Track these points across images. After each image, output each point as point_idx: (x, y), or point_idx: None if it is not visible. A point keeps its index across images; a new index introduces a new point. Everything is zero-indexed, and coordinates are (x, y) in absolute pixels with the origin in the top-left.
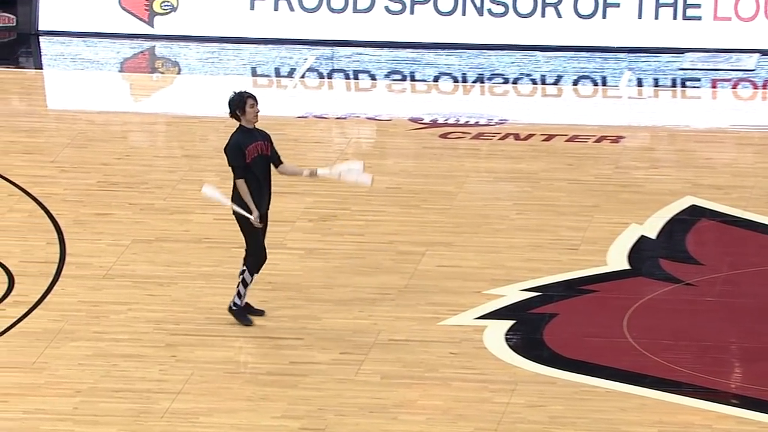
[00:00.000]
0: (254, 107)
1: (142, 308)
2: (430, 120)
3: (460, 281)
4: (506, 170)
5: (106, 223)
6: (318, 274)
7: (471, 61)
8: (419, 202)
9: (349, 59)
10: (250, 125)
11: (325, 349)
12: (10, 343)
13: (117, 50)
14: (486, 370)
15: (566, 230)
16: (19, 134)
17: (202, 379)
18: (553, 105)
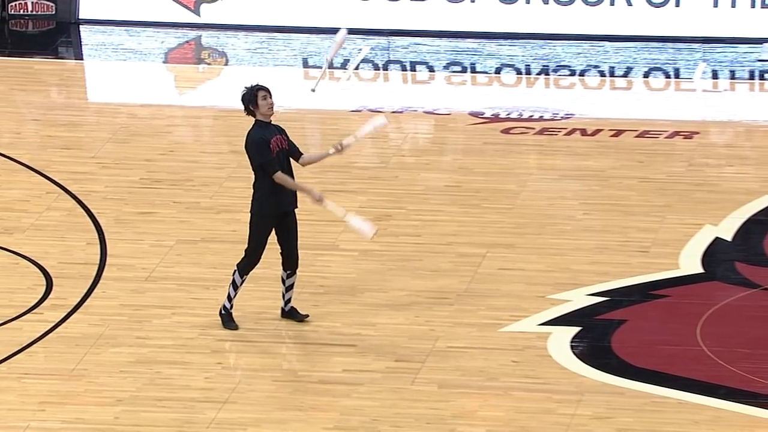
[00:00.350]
0: (267, 99)
1: (186, 312)
2: (492, 114)
3: (522, 285)
4: (572, 168)
5: (149, 223)
6: (372, 276)
7: (535, 51)
8: (479, 202)
9: (406, 49)
10: (266, 119)
11: (379, 356)
12: (49, 349)
13: (161, 40)
14: (550, 379)
15: (636, 231)
16: (58, 128)
17: (249, 388)
18: (622, 98)
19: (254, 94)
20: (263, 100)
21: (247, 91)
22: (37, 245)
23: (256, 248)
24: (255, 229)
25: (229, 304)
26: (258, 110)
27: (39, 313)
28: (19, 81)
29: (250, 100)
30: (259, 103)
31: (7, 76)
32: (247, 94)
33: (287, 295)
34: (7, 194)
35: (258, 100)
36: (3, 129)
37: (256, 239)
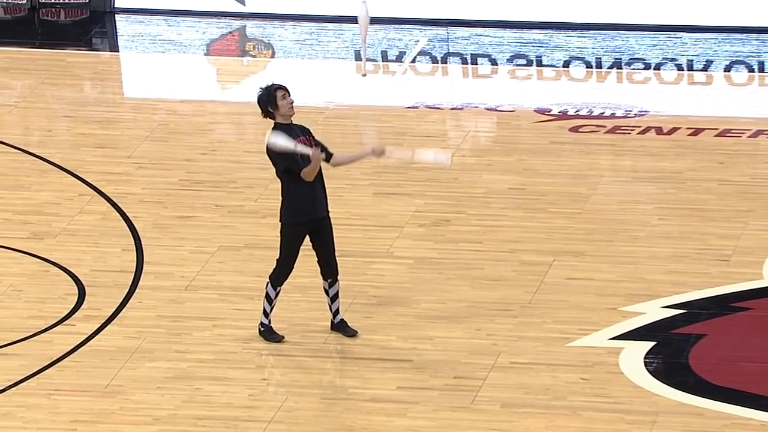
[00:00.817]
0: (286, 98)
1: (229, 325)
2: (559, 111)
3: (592, 296)
4: (646, 169)
5: (189, 228)
6: (429, 286)
7: (606, 43)
8: (546, 206)
9: (467, 41)
10: (287, 120)
11: (436, 372)
12: (81, 363)
13: (202, 30)
14: (622, 398)
15: (716, 238)
16: (92, 126)
17: (296, 406)
18: (701, 94)
19: (272, 94)
20: (283, 100)
21: (263, 92)
22: (68, 251)
23: (287, 258)
24: (286, 239)
25: (266, 320)
26: (278, 111)
27: (71, 324)
28: (51, 74)
29: (268, 102)
30: (279, 103)
31: (37, 69)
32: (264, 95)
33: (334, 306)
34: (37, 196)
35: (277, 100)
36: (33, 126)
37: (288, 249)
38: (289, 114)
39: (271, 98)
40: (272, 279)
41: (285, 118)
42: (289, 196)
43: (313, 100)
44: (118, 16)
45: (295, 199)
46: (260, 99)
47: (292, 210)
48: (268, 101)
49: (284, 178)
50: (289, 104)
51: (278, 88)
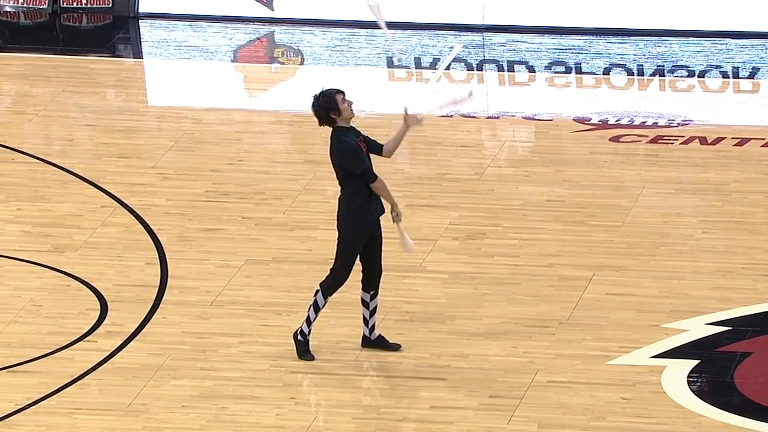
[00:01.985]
0: (346, 101)
1: (256, 341)
2: (599, 120)
3: (633, 312)
4: (690, 180)
5: (215, 241)
6: (464, 302)
7: (648, 50)
8: (585, 218)
9: (503, 47)
10: (348, 123)
11: (471, 391)
12: (103, 381)
13: (229, 36)
14: (665, 418)
15: (762, 253)
16: (115, 135)
17: (326, 426)
18: (747, 103)
19: (333, 99)
20: (343, 103)
21: (323, 98)
22: (90, 265)
23: (345, 266)
24: (346, 248)
25: (307, 329)
26: (340, 116)
27: (92, 340)
28: (72, 82)
29: (330, 107)
30: (341, 107)
31: (58, 76)
32: (325, 100)
33: (371, 321)
34: (58, 208)
35: (339, 104)
36: (54, 135)
37: (348, 257)
38: (350, 117)
39: (333, 103)
40: (324, 287)
41: (347, 121)
42: (356, 202)
43: None
44: (142, 21)
45: (361, 205)
46: (320, 106)
47: (359, 217)
48: (329, 107)
49: (352, 182)
50: (350, 105)
51: (337, 92)
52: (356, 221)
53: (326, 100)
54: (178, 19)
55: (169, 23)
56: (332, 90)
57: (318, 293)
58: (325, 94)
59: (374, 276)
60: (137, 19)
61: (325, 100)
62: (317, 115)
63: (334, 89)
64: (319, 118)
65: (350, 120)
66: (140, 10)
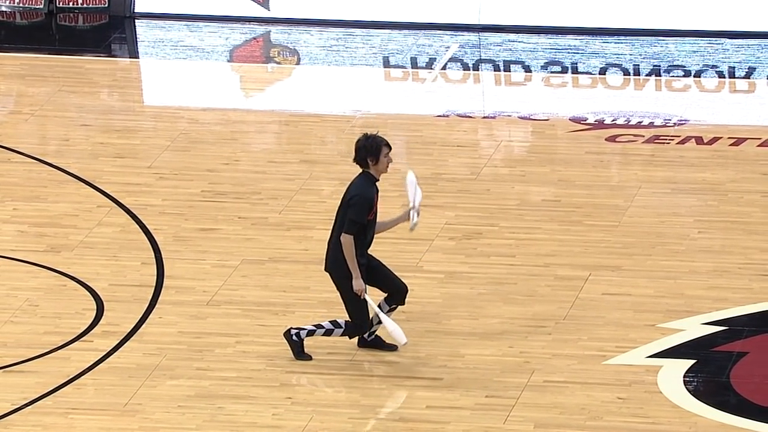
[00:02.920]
0: (388, 156)
1: (252, 341)
2: (596, 120)
3: (630, 312)
4: (686, 180)
5: (211, 241)
6: (460, 302)
7: (645, 49)
8: (581, 218)
9: (499, 47)
10: (378, 176)
11: (468, 391)
12: (99, 381)
13: (225, 36)
14: (660, 418)
15: (758, 252)
16: (111, 135)
17: (322, 426)
18: (743, 102)
19: (379, 148)
20: (385, 158)
21: (371, 141)
22: (86, 265)
23: (362, 315)
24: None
25: (304, 333)
26: (376, 167)
27: (88, 340)
28: (68, 82)
29: (371, 152)
30: (381, 159)
31: (54, 76)
32: (371, 144)
33: (375, 327)
34: (54, 208)
35: (381, 155)
36: (50, 135)
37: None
38: (383, 172)
39: (376, 151)
40: (348, 330)
41: (378, 174)
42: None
43: (339, 109)
44: (138, 21)
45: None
46: (365, 147)
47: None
48: (371, 152)
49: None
50: (388, 164)
51: (386, 144)
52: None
53: (373, 145)
54: (174, 18)
55: (165, 23)
56: (383, 140)
57: (338, 327)
58: (375, 140)
59: (399, 292)
60: (133, 19)
61: (372, 144)
62: (357, 152)
63: (385, 140)
64: (356, 155)
65: (381, 174)
66: (136, 10)
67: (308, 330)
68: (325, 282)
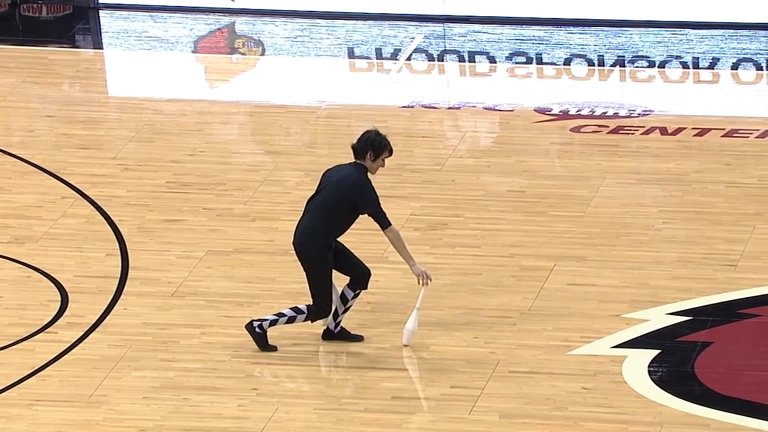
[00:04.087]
0: (384, 162)
1: (217, 332)
2: (560, 111)
3: (594, 303)
4: (650, 171)
5: (176, 232)
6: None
7: (609, 40)
8: (546, 209)
9: (464, 38)
10: (369, 171)
11: (433, 382)
12: (63, 372)
13: (190, 27)
14: (625, 408)
15: (722, 243)
16: (75, 126)
17: (288, 417)
18: (707, 93)
19: (383, 149)
20: (382, 161)
21: (379, 139)
22: (51, 256)
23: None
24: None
25: (266, 325)
26: (372, 164)
27: (53, 332)
28: (32, 72)
29: (376, 150)
30: (380, 159)
31: (18, 66)
32: (379, 142)
33: (341, 317)
34: (18, 199)
35: (381, 155)
36: (14, 126)
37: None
38: (374, 172)
39: (380, 150)
40: (311, 313)
41: (370, 171)
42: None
43: (304, 99)
44: (102, 12)
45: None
46: (371, 141)
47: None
48: (375, 149)
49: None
50: (380, 167)
51: (390, 150)
52: (326, 251)
53: (380, 144)
54: (138, 9)
55: (129, 14)
56: (389, 145)
57: (302, 314)
58: (383, 140)
59: (364, 275)
60: (97, 10)
61: (379, 142)
62: (361, 142)
63: (390, 145)
64: (359, 143)
65: (372, 173)
66: (100, 1)
67: (270, 320)
68: (291, 273)
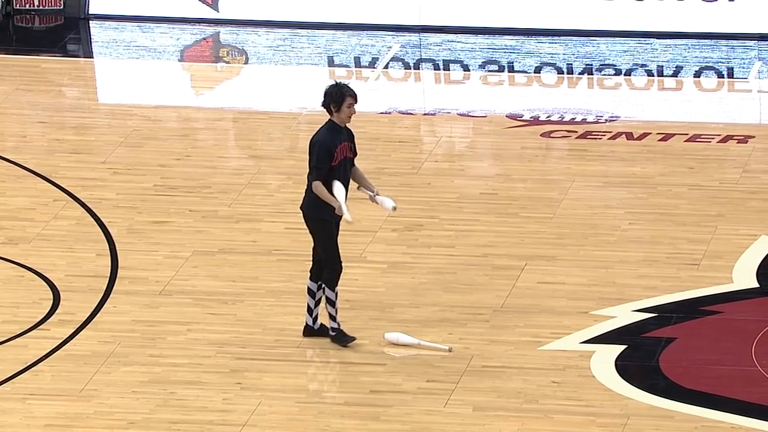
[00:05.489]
0: (351, 107)
1: (203, 329)
2: (531, 117)
3: (564, 300)
4: (617, 174)
5: (164, 233)
6: (402, 291)
7: (577, 49)
8: (518, 210)
9: (439, 47)
10: (342, 124)
11: (410, 376)
12: (55, 368)
13: (176, 37)
14: (593, 401)
15: (686, 243)
16: (66, 131)
17: (270, 410)
18: (671, 100)
19: (342, 98)
20: (348, 108)
21: (335, 90)
22: (43, 256)
23: (332, 253)
24: (321, 234)
25: (335, 323)
26: (338, 114)
27: (45, 329)
28: (25, 80)
29: (334, 100)
30: (343, 108)
31: (12, 75)
32: (335, 93)
33: (315, 311)
34: (11, 202)
35: (343, 105)
36: (7, 132)
37: (328, 244)
38: (345, 121)
39: (339, 99)
40: (327, 281)
41: (341, 122)
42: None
43: (286, 106)
44: (93, 22)
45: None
46: (328, 93)
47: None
48: (334, 100)
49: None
50: (350, 114)
51: (350, 95)
52: (318, 208)
53: (336, 92)
54: (127, 20)
55: (118, 24)
56: (348, 90)
57: (324, 290)
58: (341, 89)
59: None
60: (87, 20)
61: (335, 91)
62: (323, 97)
63: (351, 90)
64: (322, 102)
65: (343, 123)
66: (90, 12)
67: (330, 317)
68: (273, 272)
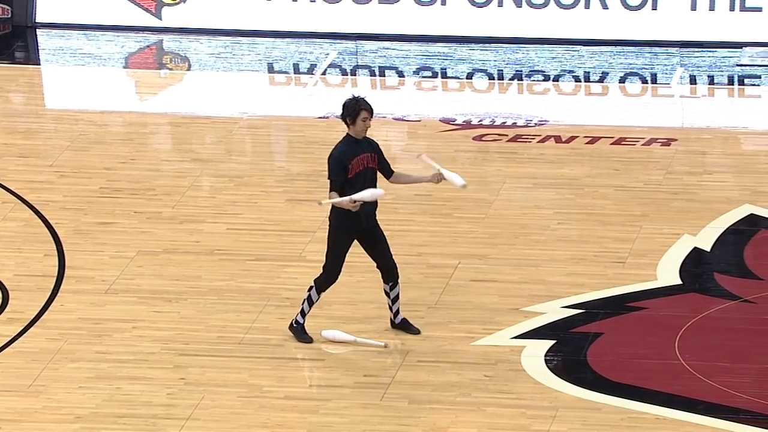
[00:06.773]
0: (366, 121)
1: (148, 326)
2: (463, 121)
3: (495, 297)
4: (546, 176)
5: (109, 233)
6: (340, 289)
7: (508, 56)
8: (451, 211)
9: (375, 54)
10: (358, 137)
11: (347, 371)
12: (4, 364)
13: (121, 44)
14: (524, 394)
15: (612, 242)
16: (15, 136)
17: (213, 404)
18: (598, 104)
19: (357, 112)
20: (363, 122)
21: (351, 103)
22: None
23: (334, 263)
24: (333, 243)
25: (302, 319)
26: (353, 127)
27: None
28: None
29: (350, 114)
30: (358, 122)
31: None
32: (351, 106)
33: (394, 307)
34: None
35: (358, 119)
36: None
37: (335, 254)
38: (360, 134)
39: (354, 113)
40: (318, 284)
41: (357, 134)
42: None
43: (227, 111)
44: (40, 30)
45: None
46: (346, 105)
47: (343, 215)
48: (349, 113)
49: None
50: (365, 127)
51: (365, 108)
52: (341, 221)
53: (352, 106)
54: (73, 28)
55: (64, 32)
56: (363, 104)
57: (312, 289)
58: (357, 102)
59: (386, 270)
60: (35, 29)
61: (351, 104)
62: (342, 111)
63: (367, 104)
64: (341, 114)
65: (359, 135)
66: (38, 20)
67: (298, 313)
68: (216, 271)
